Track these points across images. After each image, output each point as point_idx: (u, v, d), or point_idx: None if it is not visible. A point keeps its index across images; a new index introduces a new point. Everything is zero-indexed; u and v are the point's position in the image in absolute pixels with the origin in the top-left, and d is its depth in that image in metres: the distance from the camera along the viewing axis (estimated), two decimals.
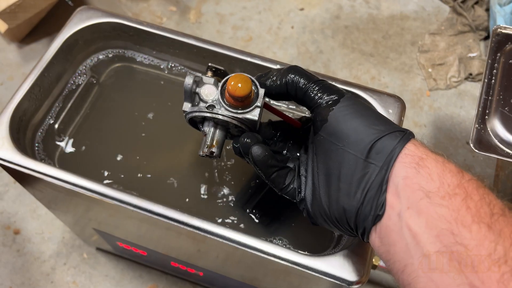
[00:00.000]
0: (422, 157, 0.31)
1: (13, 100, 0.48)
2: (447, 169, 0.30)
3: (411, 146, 0.32)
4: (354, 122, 0.34)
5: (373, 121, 0.34)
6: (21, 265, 0.75)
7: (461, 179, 0.30)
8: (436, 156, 0.31)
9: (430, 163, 0.31)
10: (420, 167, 0.31)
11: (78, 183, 0.43)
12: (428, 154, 0.32)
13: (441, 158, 0.31)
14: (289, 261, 0.40)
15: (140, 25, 0.53)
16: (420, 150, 0.32)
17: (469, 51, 0.98)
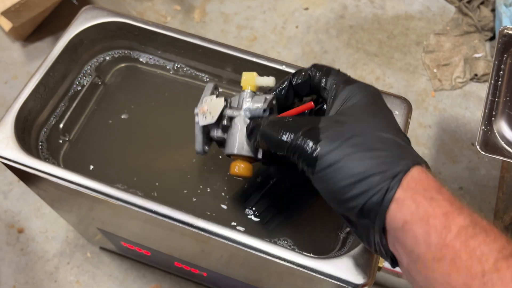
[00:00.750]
0: (406, 219, 0.29)
1: (18, 100, 0.47)
2: (432, 228, 0.28)
3: (397, 202, 0.30)
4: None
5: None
6: (24, 264, 0.75)
7: (446, 236, 0.28)
8: (423, 213, 0.29)
9: (414, 226, 0.29)
10: (405, 232, 0.29)
11: (82, 183, 0.43)
12: (413, 213, 0.29)
13: (427, 211, 0.29)
14: (294, 263, 0.40)
15: (145, 24, 0.53)
16: (405, 207, 0.29)
17: (474, 52, 0.97)
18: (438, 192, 0.29)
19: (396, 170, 0.30)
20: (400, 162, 0.30)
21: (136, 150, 0.52)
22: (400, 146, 0.32)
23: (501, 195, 0.79)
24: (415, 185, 0.29)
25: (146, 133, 0.53)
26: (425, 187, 0.29)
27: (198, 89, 0.55)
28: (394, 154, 0.31)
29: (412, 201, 0.29)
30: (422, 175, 0.30)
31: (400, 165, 0.30)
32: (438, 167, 0.84)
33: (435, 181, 0.30)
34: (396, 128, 0.34)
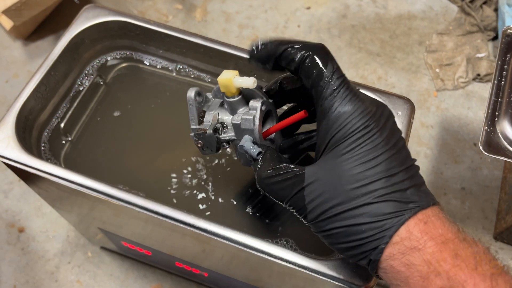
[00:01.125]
0: (392, 283, 0.31)
1: (19, 99, 0.47)
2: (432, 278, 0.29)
3: (381, 269, 0.31)
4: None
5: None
6: (25, 263, 0.75)
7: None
8: (404, 278, 0.30)
9: (417, 269, 0.30)
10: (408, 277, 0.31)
11: (83, 183, 0.43)
12: (396, 279, 0.30)
13: (407, 276, 0.30)
14: (296, 264, 0.40)
15: (147, 24, 0.53)
16: (388, 275, 0.31)
17: (477, 52, 0.97)
18: (419, 253, 0.30)
19: (375, 244, 0.30)
20: (381, 234, 0.30)
21: (138, 150, 0.51)
22: (388, 207, 0.30)
23: (503, 195, 0.79)
24: (396, 253, 0.30)
25: (148, 133, 0.52)
26: (405, 252, 0.30)
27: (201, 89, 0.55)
28: (377, 227, 0.30)
29: (392, 269, 0.30)
30: (406, 236, 0.30)
31: (382, 237, 0.30)
32: (440, 167, 0.84)
33: (420, 236, 0.30)
34: (393, 172, 0.31)
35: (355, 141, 0.31)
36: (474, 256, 0.29)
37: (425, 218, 0.30)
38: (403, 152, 0.32)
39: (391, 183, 0.31)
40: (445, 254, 0.29)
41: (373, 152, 0.31)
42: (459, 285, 0.28)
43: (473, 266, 0.28)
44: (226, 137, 0.39)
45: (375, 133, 0.31)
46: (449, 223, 0.31)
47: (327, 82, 0.32)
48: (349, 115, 0.31)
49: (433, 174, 0.83)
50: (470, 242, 0.30)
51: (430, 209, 0.31)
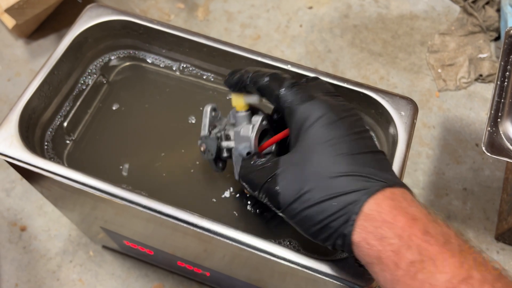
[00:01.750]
0: (366, 260, 0.32)
1: (22, 98, 0.47)
2: (385, 265, 0.31)
3: (355, 245, 0.32)
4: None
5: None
6: (27, 262, 0.75)
7: (397, 272, 0.30)
8: (376, 253, 0.31)
9: (372, 265, 0.32)
10: (368, 267, 0.33)
11: (86, 182, 0.43)
12: (369, 255, 0.32)
13: (379, 250, 0.31)
14: (299, 264, 0.40)
15: (150, 23, 0.53)
16: (362, 250, 0.32)
17: (479, 52, 0.97)
18: (390, 226, 0.31)
19: (346, 217, 0.32)
20: (350, 207, 0.32)
21: (140, 149, 0.51)
22: (354, 181, 0.33)
23: (505, 196, 0.79)
24: (368, 225, 0.31)
25: (151, 132, 0.52)
26: (376, 225, 0.31)
27: (203, 88, 0.55)
28: (346, 201, 0.32)
29: (366, 244, 0.32)
30: (375, 208, 0.31)
31: (352, 209, 0.32)
32: (442, 167, 0.84)
33: (389, 210, 0.31)
34: (357, 152, 0.34)
35: (319, 127, 0.35)
36: (443, 235, 0.30)
37: (392, 196, 0.32)
38: (368, 141, 0.35)
39: (357, 161, 0.33)
40: (415, 229, 0.30)
41: (337, 135, 0.34)
42: (430, 260, 0.29)
43: (442, 242, 0.29)
44: (225, 145, 0.43)
45: (337, 120, 0.35)
46: (417, 205, 0.32)
47: (286, 92, 0.37)
48: (311, 106, 0.36)
49: (435, 174, 0.83)
50: (440, 224, 0.31)
51: (397, 189, 0.33)
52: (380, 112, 0.48)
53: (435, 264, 0.29)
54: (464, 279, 0.28)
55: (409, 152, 0.45)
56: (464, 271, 0.28)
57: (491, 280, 0.28)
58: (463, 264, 0.28)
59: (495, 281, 0.28)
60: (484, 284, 0.27)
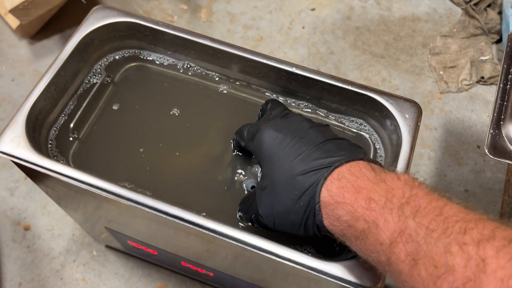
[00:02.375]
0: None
1: (29, 99, 0.48)
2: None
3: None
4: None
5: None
6: (30, 261, 0.76)
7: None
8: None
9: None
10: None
11: (92, 183, 0.43)
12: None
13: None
14: (305, 265, 0.40)
15: (155, 25, 0.53)
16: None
17: (481, 54, 0.97)
18: (342, 206, 0.35)
19: (313, 211, 0.37)
20: (312, 201, 0.36)
21: (145, 150, 0.52)
22: (308, 178, 0.37)
23: (506, 198, 0.79)
24: (328, 211, 0.36)
25: (155, 133, 0.53)
26: (332, 207, 0.35)
27: (208, 89, 0.56)
28: (307, 197, 0.37)
29: (332, 226, 0.36)
30: (327, 194, 0.36)
31: (313, 202, 0.36)
32: (444, 169, 0.84)
33: (337, 191, 0.35)
34: (302, 151, 0.38)
35: (268, 149, 0.40)
36: (385, 194, 0.33)
37: (338, 176, 0.35)
38: (312, 136, 0.39)
39: (305, 159, 0.37)
40: (360, 200, 0.33)
41: (283, 148, 0.39)
42: (373, 223, 0.32)
43: (383, 203, 0.32)
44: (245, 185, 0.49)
45: (279, 136, 0.40)
46: (364, 173, 0.35)
47: (245, 136, 0.45)
48: (259, 137, 0.41)
49: (437, 176, 0.84)
50: (389, 181, 0.34)
51: (344, 166, 0.36)
52: (385, 114, 0.48)
53: (378, 226, 0.32)
54: (401, 230, 0.31)
55: (413, 155, 0.45)
56: (400, 224, 0.31)
57: (425, 223, 0.30)
58: (400, 217, 0.31)
59: (430, 222, 0.30)
60: (419, 230, 0.30)
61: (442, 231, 0.29)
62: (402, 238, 0.30)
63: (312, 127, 0.40)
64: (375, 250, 0.32)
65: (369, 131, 0.52)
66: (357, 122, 0.53)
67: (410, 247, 0.30)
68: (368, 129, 0.52)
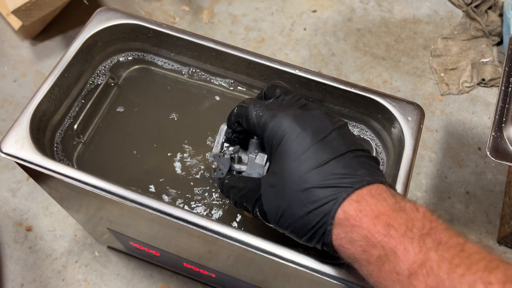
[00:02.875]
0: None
1: (33, 101, 0.48)
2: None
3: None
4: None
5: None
6: (32, 262, 0.76)
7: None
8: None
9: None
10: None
11: (97, 185, 0.44)
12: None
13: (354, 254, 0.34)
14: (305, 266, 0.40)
15: (159, 27, 0.54)
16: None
17: (482, 56, 0.97)
18: (357, 229, 0.33)
19: (323, 228, 0.35)
20: (325, 219, 0.34)
21: (149, 152, 0.52)
22: (324, 193, 0.34)
23: (507, 200, 0.79)
24: (340, 232, 0.34)
25: (159, 135, 0.53)
26: (346, 230, 0.34)
27: (211, 92, 0.56)
28: (320, 213, 0.34)
29: (342, 248, 0.34)
30: (343, 216, 0.34)
31: (326, 221, 0.34)
32: (445, 171, 0.85)
33: (355, 214, 0.33)
34: (323, 162, 0.35)
35: (285, 144, 0.36)
36: (406, 223, 0.32)
37: (358, 198, 0.34)
38: (334, 143, 0.36)
39: (324, 171, 0.35)
40: (378, 226, 0.32)
41: (302, 149, 0.36)
42: (391, 251, 0.31)
43: (403, 232, 0.31)
44: (237, 168, 0.44)
45: (300, 133, 0.36)
46: (384, 198, 0.34)
47: (253, 116, 0.40)
48: (275, 125, 0.37)
49: (438, 178, 0.84)
50: (408, 210, 0.33)
51: (365, 189, 0.34)
52: (387, 117, 0.48)
53: (396, 254, 0.31)
54: (423, 262, 0.29)
55: (415, 157, 0.45)
56: (421, 255, 0.30)
57: (449, 257, 0.29)
58: (421, 248, 0.30)
59: (453, 257, 0.29)
60: (441, 263, 0.29)
61: (466, 267, 0.28)
62: (422, 270, 0.29)
63: (334, 129, 0.37)
64: (390, 279, 0.31)
65: (371, 135, 0.53)
66: (359, 125, 0.53)
67: (431, 281, 0.29)
68: (370, 131, 0.53)
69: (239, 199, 0.41)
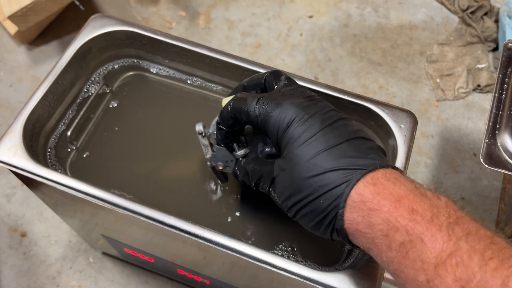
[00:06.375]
0: (360, 245, 0.34)
1: (26, 108, 0.48)
2: (380, 247, 0.32)
3: (347, 230, 0.33)
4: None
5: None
6: (27, 268, 0.75)
7: (390, 253, 0.31)
8: (370, 239, 0.32)
9: (369, 248, 0.33)
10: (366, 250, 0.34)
11: (90, 192, 0.44)
12: (364, 241, 0.33)
13: (372, 237, 0.32)
14: (298, 275, 0.40)
15: (153, 34, 0.54)
16: (354, 237, 0.33)
17: (477, 62, 0.98)
18: (376, 213, 0.31)
19: (334, 212, 0.33)
20: (335, 203, 0.33)
21: (143, 159, 0.52)
22: (335, 176, 0.33)
23: (503, 206, 0.79)
24: (356, 216, 0.32)
25: (153, 142, 0.53)
26: (363, 214, 0.32)
27: (205, 98, 0.56)
28: (331, 197, 0.33)
29: (358, 232, 0.33)
30: (359, 199, 0.32)
31: (337, 204, 0.33)
32: (440, 177, 0.85)
33: (372, 197, 0.32)
34: (333, 145, 0.34)
35: (293, 130, 0.35)
36: (431, 209, 0.30)
37: (373, 181, 0.32)
38: (342, 128, 0.35)
39: (334, 154, 0.34)
40: (401, 210, 0.30)
41: (311, 133, 0.35)
42: (417, 238, 0.29)
43: (429, 218, 0.29)
44: (242, 153, 0.43)
45: (308, 119, 0.35)
46: (402, 182, 0.32)
47: (253, 108, 0.38)
48: (280, 113, 0.36)
49: (433, 183, 0.84)
50: (430, 196, 0.31)
51: (379, 171, 0.33)
52: (380, 124, 0.49)
53: (423, 241, 0.29)
54: (453, 252, 0.28)
55: (408, 164, 0.45)
56: (451, 244, 0.28)
57: (480, 249, 0.28)
58: (450, 237, 0.28)
59: (485, 249, 0.28)
60: (473, 254, 0.27)
61: (499, 261, 0.27)
62: (451, 260, 0.28)
63: (340, 118, 0.36)
64: (413, 267, 0.29)
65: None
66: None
67: (460, 273, 0.27)
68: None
69: (257, 181, 0.40)
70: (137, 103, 0.55)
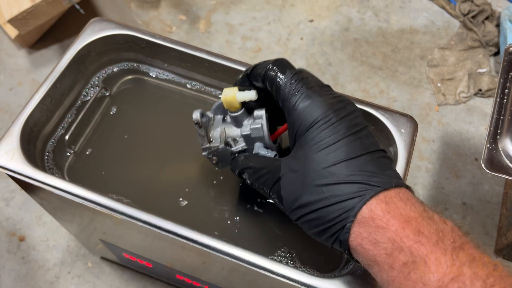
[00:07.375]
0: (363, 262, 0.33)
1: (24, 111, 0.48)
2: (381, 266, 0.32)
3: (351, 249, 0.33)
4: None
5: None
6: (25, 272, 0.75)
7: (391, 273, 0.31)
8: (372, 256, 0.32)
9: (370, 266, 0.33)
10: (366, 268, 0.34)
11: (87, 197, 0.43)
12: (365, 258, 0.33)
13: (374, 254, 0.32)
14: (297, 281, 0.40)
15: (152, 37, 0.53)
16: (358, 254, 0.33)
17: (478, 67, 0.97)
18: (383, 231, 0.31)
19: (342, 224, 0.33)
20: (345, 215, 0.33)
21: (141, 163, 0.51)
22: (349, 188, 0.33)
23: (504, 211, 0.79)
24: (362, 231, 0.32)
25: (152, 146, 0.53)
26: (370, 231, 0.32)
27: (204, 102, 0.55)
28: (341, 208, 0.33)
29: (362, 248, 0.32)
30: (369, 215, 0.32)
31: (347, 217, 0.33)
32: (442, 182, 0.84)
33: (382, 215, 0.32)
34: (353, 156, 0.33)
35: (316, 130, 0.34)
36: (437, 233, 0.30)
37: (386, 199, 0.32)
38: (365, 140, 0.35)
39: (353, 166, 0.33)
40: (408, 231, 0.30)
41: (334, 139, 0.34)
42: (421, 260, 0.29)
43: (435, 241, 0.30)
44: (238, 148, 0.41)
45: (334, 122, 0.34)
46: (413, 203, 0.32)
47: (286, 84, 0.36)
48: (308, 108, 0.35)
49: (434, 188, 0.83)
50: (437, 220, 0.31)
51: (393, 191, 0.33)
52: (380, 129, 0.48)
53: (426, 264, 0.29)
54: (455, 276, 0.28)
55: (409, 169, 0.45)
56: (455, 269, 0.28)
57: (483, 275, 0.28)
58: (454, 261, 0.29)
59: (488, 276, 0.28)
60: (475, 281, 0.27)
61: None
62: (454, 284, 0.28)
63: (366, 126, 0.36)
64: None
65: None
66: None
67: None
68: None
69: (256, 180, 0.38)
70: (136, 107, 0.55)
